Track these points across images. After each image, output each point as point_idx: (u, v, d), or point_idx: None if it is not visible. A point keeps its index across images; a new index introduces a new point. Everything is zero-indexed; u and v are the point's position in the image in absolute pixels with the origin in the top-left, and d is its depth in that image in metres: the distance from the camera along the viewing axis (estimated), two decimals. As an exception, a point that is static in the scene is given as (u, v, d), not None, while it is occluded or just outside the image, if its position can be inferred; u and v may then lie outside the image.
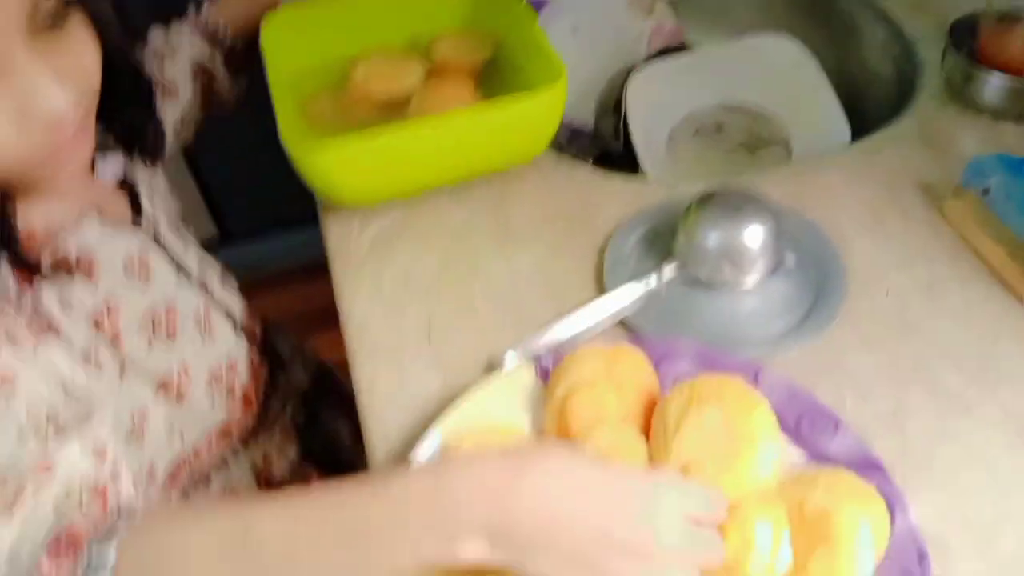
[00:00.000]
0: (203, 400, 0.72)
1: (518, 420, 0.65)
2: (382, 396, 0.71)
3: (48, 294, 0.60)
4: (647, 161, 0.98)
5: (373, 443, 0.68)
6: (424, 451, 0.62)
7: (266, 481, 0.85)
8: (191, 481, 0.75)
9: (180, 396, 0.69)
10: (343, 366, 0.78)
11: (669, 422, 0.59)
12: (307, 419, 0.89)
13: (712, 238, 0.73)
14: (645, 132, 1.01)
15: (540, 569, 0.47)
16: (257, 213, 2.01)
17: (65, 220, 0.65)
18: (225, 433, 0.76)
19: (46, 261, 0.61)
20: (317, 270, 0.94)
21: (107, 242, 0.67)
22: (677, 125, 1.07)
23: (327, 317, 0.84)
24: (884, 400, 0.67)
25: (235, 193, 1.96)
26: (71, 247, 0.64)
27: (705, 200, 0.75)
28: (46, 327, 0.59)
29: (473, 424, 0.64)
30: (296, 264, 1.90)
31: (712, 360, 0.66)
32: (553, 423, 0.62)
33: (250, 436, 0.80)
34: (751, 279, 0.74)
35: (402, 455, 0.66)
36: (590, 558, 0.47)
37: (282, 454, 0.86)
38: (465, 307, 0.77)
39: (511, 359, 0.70)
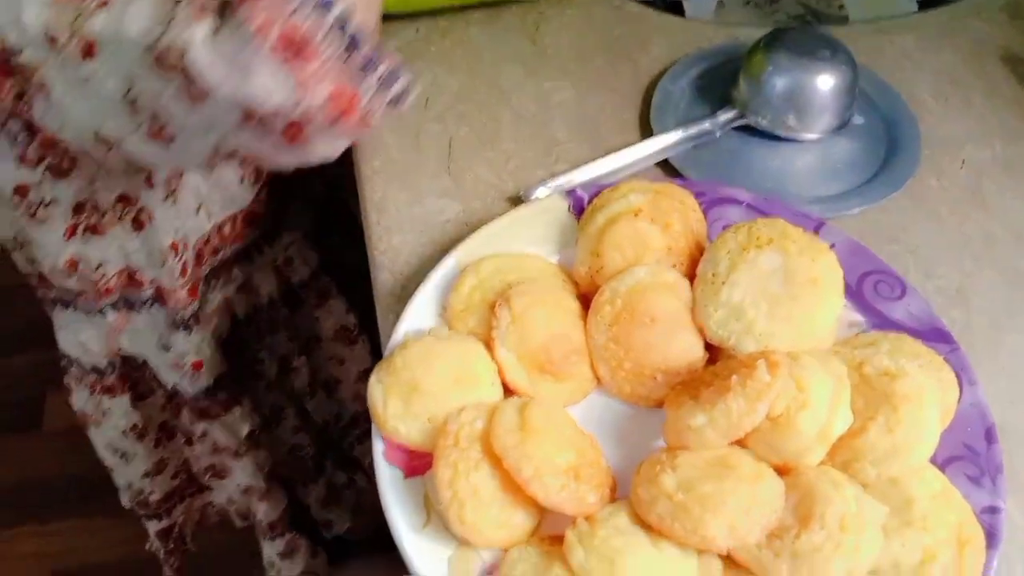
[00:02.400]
0: (232, 175, 0.69)
1: (546, 252, 0.58)
2: (392, 215, 0.63)
3: None
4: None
5: (378, 266, 0.61)
6: (439, 275, 0.55)
7: (287, 284, 0.82)
8: (214, 266, 0.73)
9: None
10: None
11: (721, 262, 0.52)
12: (324, 233, 0.84)
13: (779, 81, 0.65)
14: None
15: None
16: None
17: None
18: (250, 219, 0.73)
19: None
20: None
21: None
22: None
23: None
24: (949, 277, 0.60)
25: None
26: None
27: (774, 40, 0.67)
28: None
29: (495, 252, 0.56)
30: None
31: (768, 209, 0.59)
32: (587, 257, 0.55)
33: (273, 233, 0.78)
34: (816, 131, 0.66)
35: (411, 278, 0.59)
36: None
37: (304, 260, 0.83)
38: (490, 136, 0.69)
39: (541, 193, 0.63)
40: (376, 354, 0.92)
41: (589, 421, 0.50)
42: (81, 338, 0.76)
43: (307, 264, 0.84)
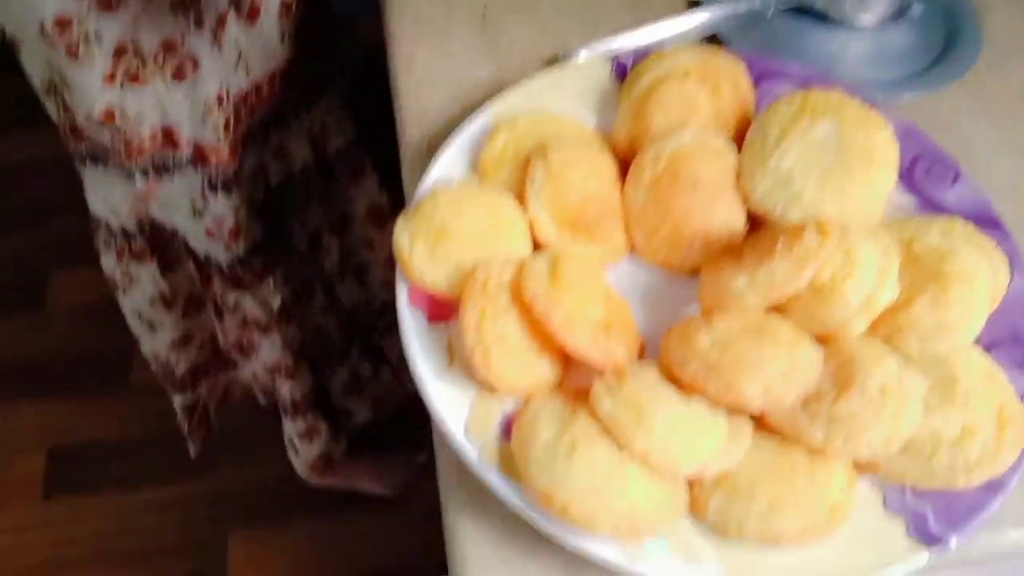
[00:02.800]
0: (273, 29, 0.66)
1: (584, 115, 0.55)
2: (421, 74, 0.60)
3: None
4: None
5: (406, 122, 0.58)
6: (471, 129, 0.52)
7: (322, 154, 0.81)
8: (251, 128, 0.71)
9: (252, 17, 0.63)
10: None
11: (771, 130, 0.49)
12: (360, 100, 0.82)
13: (838, -41, 0.61)
14: None
15: None
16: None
17: None
18: (288, 79, 0.71)
19: None
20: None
21: None
22: None
23: None
24: (1003, 176, 0.57)
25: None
26: None
27: (836, -85, 0.63)
28: None
29: (529, 111, 0.53)
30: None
31: (822, 84, 0.55)
32: (629, 119, 0.52)
33: (310, 99, 0.76)
34: (872, 15, 0.63)
35: (439, 136, 0.56)
36: None
37: (339, 130, 0.81)
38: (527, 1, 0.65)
39: (583, 57, 0.59)
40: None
41: (620, 287, 0.48)
42: (112, 200, 0.74)
43: (343, 134, 0.82)
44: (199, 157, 0.69)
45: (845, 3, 0.62)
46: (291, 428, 1.01)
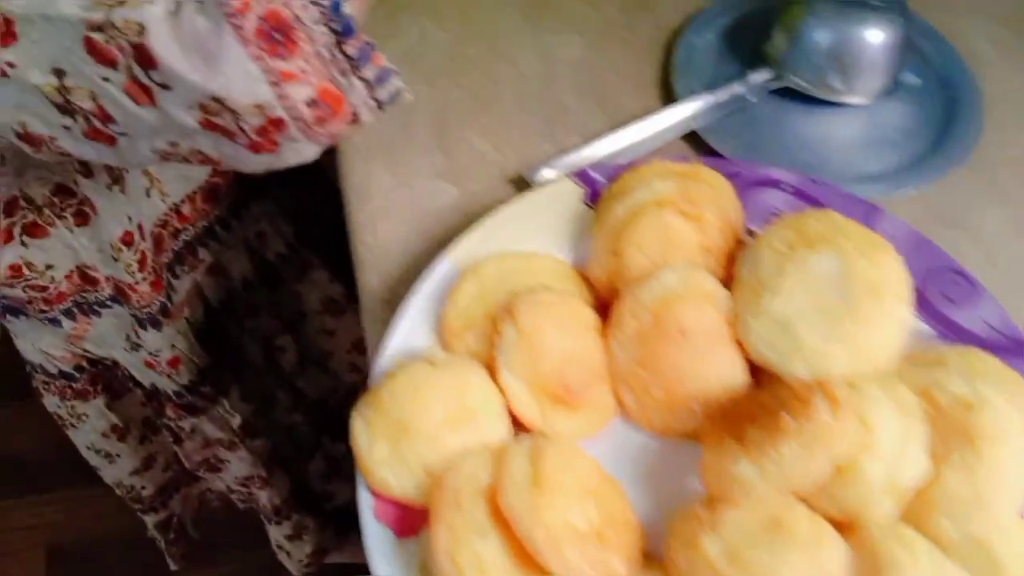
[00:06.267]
0: None
1: (556, 248, 0.49)
2: (377, 201, 0.55)
3: None
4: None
5: (363, 264, 0.52)
6: (432, 280, 0.47)
7: (261, 261, 0.75)
8: (177, 251, 0.66)
9: None
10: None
11: (765, 265, 0.44)
12: (297, 200, 0.76)
13: (821, 34, 0.56)
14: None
15: None
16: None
17: None
18: (211, 194, 0.65)
19: None
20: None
21: None
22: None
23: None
24: (1021, 266, 0.52)
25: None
26: None
27: (815, -14, 0.57)
28: None
29: (498, 250, 0.48)
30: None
31: (814, 193, 0.50)
32: (605, 255, 0.46)
33: (240, 206, 0.69)
34: (863, 93, 0.57)
35: (400, 280, 0.51)
36: None
37: (277, 233, 0.75)
38: (488, 101, 0.59)
39: (548, 174, 0.54)
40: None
41: (610, 458, 0.43)
42: (41, 346, 0.68)
43: (282, 236, 0.76)
44: (120, 294, 0.64)
45: (833, 80, 0.57)
46: (277, 533, 0.96)
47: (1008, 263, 0.52)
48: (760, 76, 0.58)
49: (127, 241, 0.59)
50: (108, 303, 0.65)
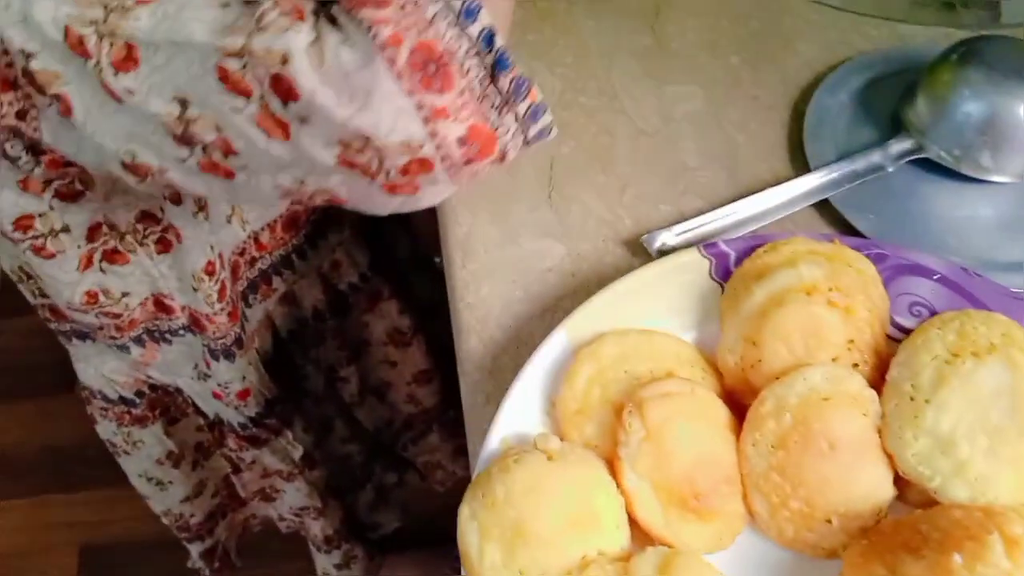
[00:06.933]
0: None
1: (678, 327, 0.45)
2: (481, 258, 0.51)
3: None
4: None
5: (463, 322, 0.49)
6: (545, 356, 0.43)
7: (334, 291, 0.73)
8: (252, 279, 0.64)
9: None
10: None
11: (924, 373, 0.39)
12: (376, 229, 0.74)
13: (973, 107, 0.51)
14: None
15: None
16: None
17: None
18: (290, 222, 0.63)
19: None
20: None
21: None
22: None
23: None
24: None
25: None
26: None
27: (968, 52, 0.53)
28: None
29: (615, 325, 0.44)
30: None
31: (966, 285, 0.46)
32: (740, 343, 0.42)
33: (317, 234, 0.67)
34: (1013, 172, 0.52)
35: (504, 347, 0.48)
36: None
37: (352, 263, 0.72)
38: (601, 156, 0.56)
39: (667, 239, 0.50)
40: (433, 354, 0.82)
41: (738, 572, 0.39)
42: (104, 371, 0.66)
43: (356, 266, 0.73)
44: (195, 324, 0.61)
45: (982, 157, 0.52)
46: (325, 561, 0.93)
47: None
48: (901, 145, 0.53)
49: (210, 271, 0.57)
50: (181, 332, 0.62)
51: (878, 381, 0.41)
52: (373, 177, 0.36)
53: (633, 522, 0.39)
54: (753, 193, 0.52)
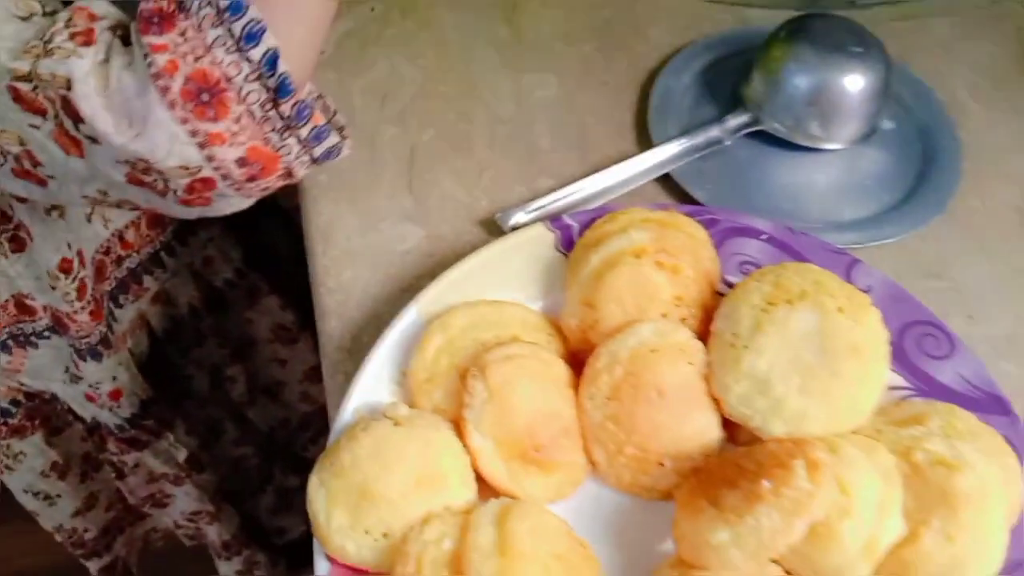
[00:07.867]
0: None
1: (527, 298, 0.48)
2: (342, 245, 0.53)
3: None
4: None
5: (325, 306, 0.50)
6: (397, 330, 0.45)
7: (208, 288, 0.72)
8: (120, 279, 0.64)
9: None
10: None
11: (743, 322, 0.43)
12: (248, 224, 0.73)
13: (802, 80, 0.55)
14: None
15: None
16: None
17: None
18: (155, 219, 0.63)
19: None
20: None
21: None
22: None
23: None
24: (1000, 320, 0.52)
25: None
26: None
27: (796, 30, 0.57)
28: None
29: (466, 298, 0.46)
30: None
31: (792, 243, 0.49)
32: (577, 307, 0.45)
33: (185, 231, 0.67)
34: (841, 139, 0.57)
35: (364, 327, 0.49)
36: None
37: (225, 258, 0.72)
38: (460, 142, 0.58)
39: (520, 219, 0.53)
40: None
41: (579, 518, 0.41)
42: None
43: (229, 262, 0.74)
44: (59, 324, 0.61)
45: (812, 126, 0.56)
46: (227, 568, 0.93)
47: (985, 315, 0.52)
48: (737, 120, 0.57)
49: (65, 269, 0.57)
50: (45, 334, 0.62)
51: (706, 334, 0.44)
52: (163, 194, 0.38)
53: (481, 479, 0.41)
54: (601, 171, 0.55)
